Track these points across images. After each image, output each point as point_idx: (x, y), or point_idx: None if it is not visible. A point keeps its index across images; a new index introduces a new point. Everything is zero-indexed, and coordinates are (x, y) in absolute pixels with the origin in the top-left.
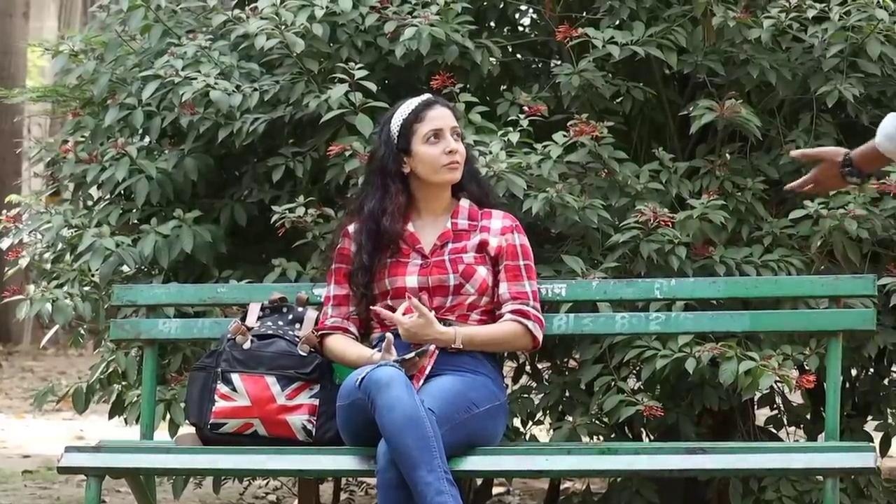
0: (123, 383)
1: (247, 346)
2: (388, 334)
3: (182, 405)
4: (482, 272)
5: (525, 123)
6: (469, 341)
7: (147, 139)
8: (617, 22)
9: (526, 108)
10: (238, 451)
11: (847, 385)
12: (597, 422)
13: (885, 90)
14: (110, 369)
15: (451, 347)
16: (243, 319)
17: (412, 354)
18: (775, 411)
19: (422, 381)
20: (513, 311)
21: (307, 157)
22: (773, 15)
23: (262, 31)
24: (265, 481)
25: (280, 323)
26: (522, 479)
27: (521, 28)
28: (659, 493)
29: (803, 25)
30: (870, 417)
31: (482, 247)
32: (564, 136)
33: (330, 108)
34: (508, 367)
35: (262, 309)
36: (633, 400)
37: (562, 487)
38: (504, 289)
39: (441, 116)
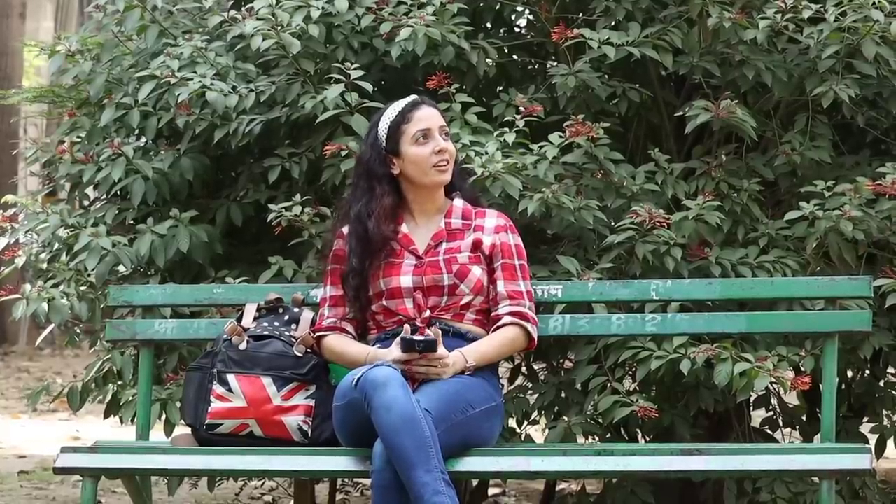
0: (119, 383)
1: (243, 346)
2: (407, 325)
3: (178, 405)
4: (476, 272)
5: (521, 124)
6: (480, 358)
7: (143, 139)
8: (613, 23)
9: (522, 109)
10: (234, 451)
11: (842, 386)
12: (591, 422)
13: (880, 91)
14: (105, 368)
15: (467, 368)
16: (239, 320)
17: (424, 338)
18: (771, 413)
19: (418, 382)
20: (511, 314)
21: (303, 157)
22: (769, 16)
23: (259, 32)
24: (261, 482)
25: (276, 324)
26: (518, 480)
27: (517, 29)
28: (654, 494)
29: (799, 26)
30: (865, 419)
31: (476, 246)
32: (560, 137)
33: (326, 109)
34: (504, 368)
35: (259, 309)
36: (627, 401)
37: (557, 488)
38: (501, 286)
39: (428, 116)
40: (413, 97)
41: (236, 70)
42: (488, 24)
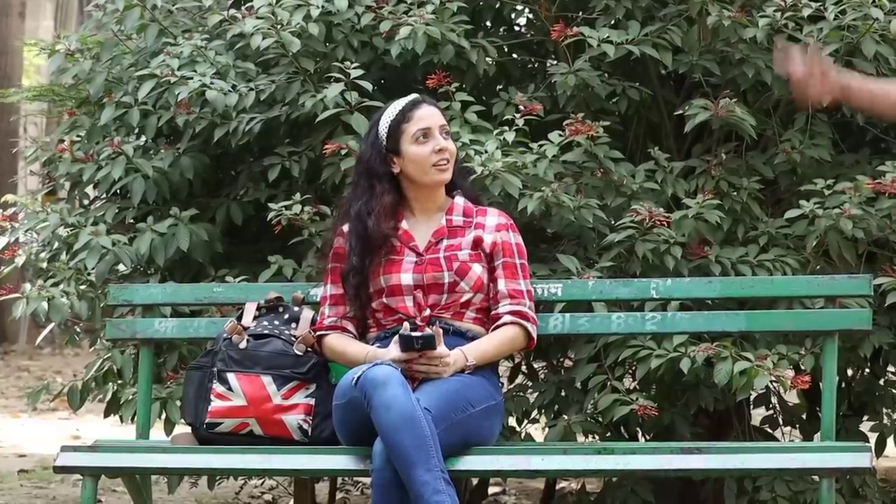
0: (119, 382)
1: (243, 345)
2: (406, 323)
3: (178, 403)
4: (477, 269)
5: (521, 123)
6: (481, 356)
7: (143, 138)
8: (612, 21)
9: (522, 108)
10: (234, 450)
11: (842, 385)
12: (591, 420)
13: None
14: (105, 367)
15: (467, 366)
16: (239, 319)
17: (423, 334)
18: (771, 411)
19: (418, 381)
20: (512, 313)
21: (303, 156)
22: (769, 14)
23: (258, 31)
24: (261, 480)
25: (276, 322)
26: (518, 479)
27: (516, 28)
28: (654, 493)
29: (799, 25)
30: (865, 417)
31: (477, 243)
32: (560, 135)
33: (326, 108)
34: (504, 366)
35: (259, 308)
36: (627, 399)
37: (557, 487)
38: (501, 285)
39: (429, 115)
40: (413, 96)
41: (236, 69)
42: (488, 23)
